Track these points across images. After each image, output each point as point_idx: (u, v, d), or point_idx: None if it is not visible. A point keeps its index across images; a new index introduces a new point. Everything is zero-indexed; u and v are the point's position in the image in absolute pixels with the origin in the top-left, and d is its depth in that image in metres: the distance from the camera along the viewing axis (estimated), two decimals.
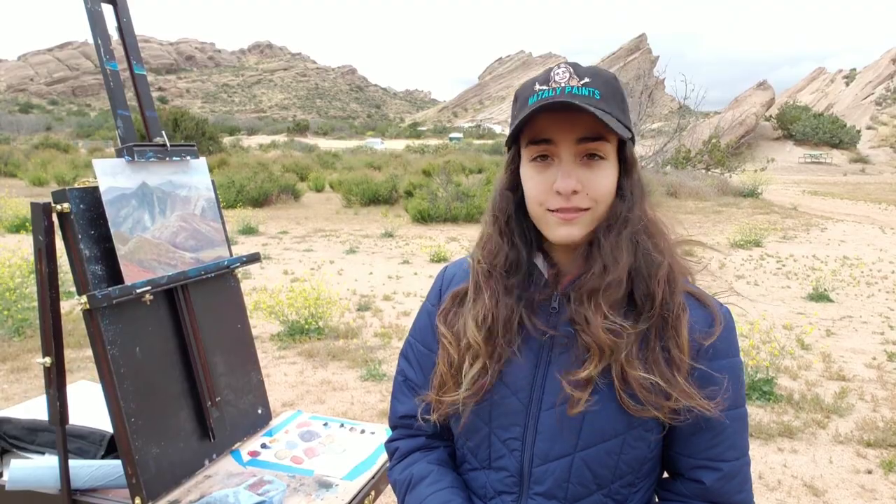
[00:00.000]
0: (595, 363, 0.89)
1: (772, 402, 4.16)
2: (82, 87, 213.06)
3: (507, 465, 0.97)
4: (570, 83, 0.88)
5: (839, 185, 30.85)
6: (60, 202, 1.52)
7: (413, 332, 1.12)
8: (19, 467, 1.64)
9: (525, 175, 0.94)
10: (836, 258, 10.01)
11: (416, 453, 1.09)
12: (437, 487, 1.01)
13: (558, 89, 0.88)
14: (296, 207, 16.34)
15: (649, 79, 24.34)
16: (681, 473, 0.97)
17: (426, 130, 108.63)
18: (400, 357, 1.13)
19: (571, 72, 0.89)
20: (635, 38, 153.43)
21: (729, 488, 0.94)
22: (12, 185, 19.77)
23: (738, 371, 0.96)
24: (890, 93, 60.39)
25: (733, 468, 0.94)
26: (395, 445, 1.12)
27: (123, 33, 1.82)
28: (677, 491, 0.98)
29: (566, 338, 0.93)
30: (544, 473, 0.94)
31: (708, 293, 0.99)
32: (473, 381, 0.95)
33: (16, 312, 5.35)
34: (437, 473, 1.04)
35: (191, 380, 1.78)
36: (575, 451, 0.92)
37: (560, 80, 0.89)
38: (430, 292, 1.12)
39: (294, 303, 5.51)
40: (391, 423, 1.14)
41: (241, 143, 49.95)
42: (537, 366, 0.95)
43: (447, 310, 1.03)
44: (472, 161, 27.23)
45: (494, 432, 0.97)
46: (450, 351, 0.99)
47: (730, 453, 0.94)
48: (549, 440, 0.93)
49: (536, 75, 0.93)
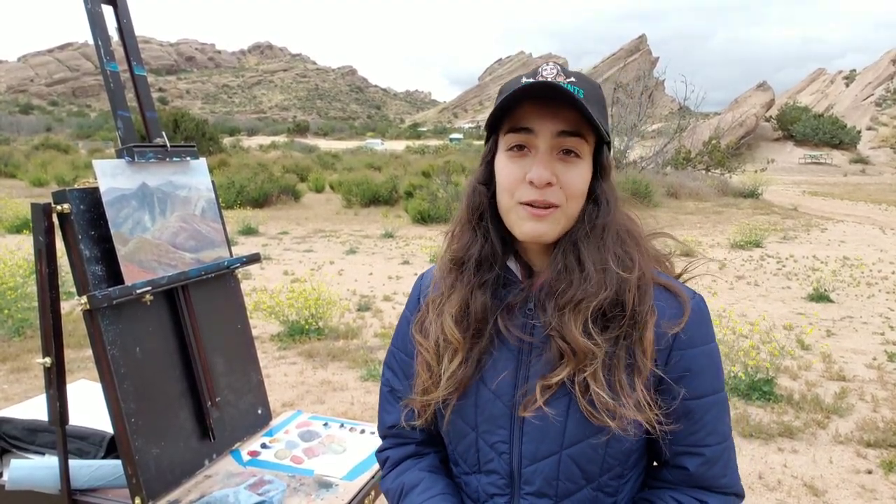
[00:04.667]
0: (569, 369, 0.90)
1: (772, 402, 4.16)
2: (82, 88, 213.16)
3: (497, 467, 0.97)
4: (557, 79, 0.89)
5: (839, 185, 30.85)
6: (61, 203, 1.52)
7: (394, 341, 1.12)
8: (19, 467, 1.65)
9: (499, 165, 0.95)
10: (837, 259, 10.01)
11: (408, 461, 1.08)
12: (429, 494, 1.01)
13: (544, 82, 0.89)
14: (296, 208, 16.34)
15: (649, 80, 24.32)
16: (666, 461, 0.98)
17: (426, 131, 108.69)
18: (384, 367, 1.13)
19: (559, 69, 0.91)
20: (635, 39, 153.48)
21: (713, 472, 0.95)
22: (12, 185, 19.79)
23: (714, 357, 0.97)
24: (890, 93, 60.39)
25: (715, 452, 0.95)
26: (386, 455, 1.11)
27: (123, 34, 1.82)
28: (664, 478, 0.99)
29: (542, 342, 0.94)
30: (533, 473, 0.95)
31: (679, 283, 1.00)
32: (452, 374, 0.95)
33: (16, 312, 5.35)
34: (428, 480, 1.03)
35: (191, 380, 1.78)
36: (561, 448, 0.93)
37: (547, 75, 0.90)
38: (409, 300, 1.11)
39: (294, 303, 5.51)
40: (381, 434, 1.14)
41: (241, 143, 49.93)
42: (518, 369, 0.95)
43: (423, 318, 1.02)
44: (472, 162, 27.20)
45: (481, 437, 0.98)
46: (426, 357, 0.99)
47: (711, 438, 0.95)
48: (535, 441, 0.94)
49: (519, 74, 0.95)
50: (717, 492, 0.97)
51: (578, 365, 0.89)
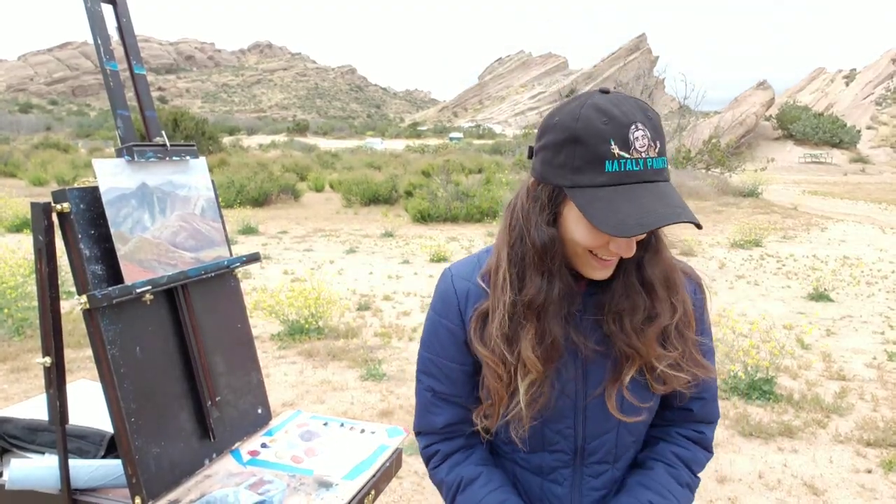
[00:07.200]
0: (636, 367, 1.03)
1: (772, 401, 4.16)
2: (82, 87, 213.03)
3: (563, 447, 1.09)
4: (650, 154, 0.88)
5: (839, 184, 30.84)
6: (60, 202, 1.52)
7: (430, 349, 1.13)
8: (19, 467, 1.64)
9: (576, 223, 0.95)
10: (837, 258, 10.01)
11: (457, 454, 1.15)
12: (491, 488, 1.10)
13: (641, 161, 0.88)
14: (296, 207, 16.34)
15: (649, 79, 24.34)
16: (671, 405, 1.15)
17: (426, 130, 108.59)
18: (420, 374, 1.16)
19: (649, 137, 0.88)
20: (635, 38, 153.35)
21: (709, 410, 1.17)
22: (12, 185, 19.78)
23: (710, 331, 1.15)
24: (890, 93, 60.35)
25: (713, 395, 1.16)
26: (435, 448, 1.16)
27: (123, 33, 1.82)
28: (665, 417, 1.17)
29: (600, 343, 1.04)
30: (598, 446, 1.09)
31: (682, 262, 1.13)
32: (530, 393, 1.02)
33: (16, 312, 5.35)
34: (487, 474, 1.12)
35: (191, 380, 1.78)
36: (619, 424, 1.08)
37: (641, 147, 0.87)
38: (447, 310, 1.11)
39: (294, 302, 5.51)
40: (428, 433, 1.18)
41: (240, 142, 49.91)
42: (576, 365, 1.05)
43: (477, 329, 1.05)
44: (471, 161, 27.23)
45: (547, 426, 1.07)
46: (496, 369, 1.02)
47: (711, 385, 1.14)
48: (597, 422, 1.07)
49: (603, 121, 0.87)
50: (709, 423, 1.18)
51: (645, 363, 1.03)
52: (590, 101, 0.90)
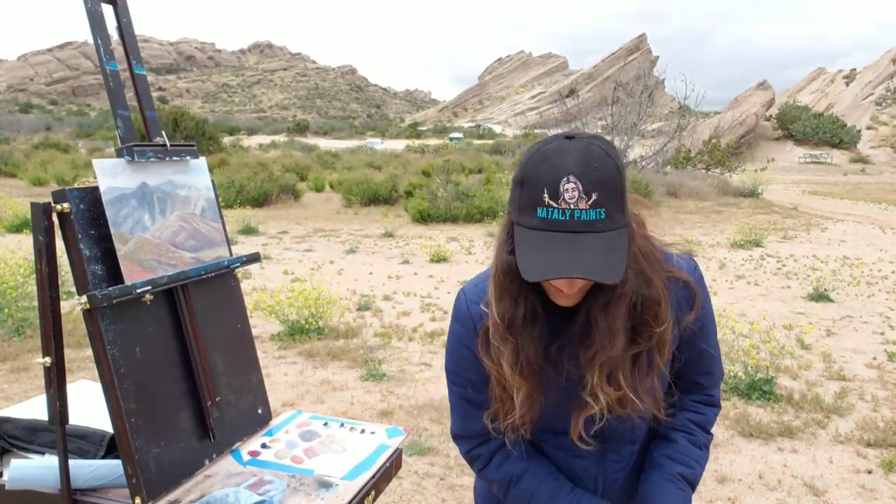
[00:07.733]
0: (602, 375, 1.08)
1: (772, 401, 4.16)
2: (82, 87, 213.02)
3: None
4: (579, 206, 0.90)
5: (839, 184, 30.84)
6: (60, 202, 1.52)
7: (456, 366, 1.22)
8: (19, 467, 1.64)
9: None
10: (837, 258, 10.01)
11: (499, 454, 1.22)
12: (541, 478, 1.18)
13: (568, 212, 0.90)
14: (296, 207, 16.34)
15: (649, 79, 24.32)
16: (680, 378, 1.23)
17: (426, 130, 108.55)
18: (451, 385, 1.24)
19: (580, 190, 0.90)
20: (635, 38, 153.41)
21: (715, 382, 1.26)
22: (12, 185, 19.79)
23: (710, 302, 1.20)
24: (890, 93, 60.32)
25: (719, 368, 1.25)
26: (478, 452, 1.24)
27: (123, 33, 1.82)
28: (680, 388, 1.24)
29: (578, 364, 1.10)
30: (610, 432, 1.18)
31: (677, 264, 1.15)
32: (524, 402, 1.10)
33: (16, 312, 5.35)
34: (534, 466, 1.20)
35: (191, 380, 1.78)
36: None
37: (570, 199, 0.90)
38: (465, 331, 1.18)
39: (294, 303, 5.51)
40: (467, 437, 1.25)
41: (240, 142, 49.89)
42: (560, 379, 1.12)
43: (484, 343, 1.13)
44: (472, 161, 27.23)
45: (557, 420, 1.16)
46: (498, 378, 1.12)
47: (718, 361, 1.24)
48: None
49: (544, 169, 0.92)
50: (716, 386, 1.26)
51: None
52: (546, 146, 0.95)
